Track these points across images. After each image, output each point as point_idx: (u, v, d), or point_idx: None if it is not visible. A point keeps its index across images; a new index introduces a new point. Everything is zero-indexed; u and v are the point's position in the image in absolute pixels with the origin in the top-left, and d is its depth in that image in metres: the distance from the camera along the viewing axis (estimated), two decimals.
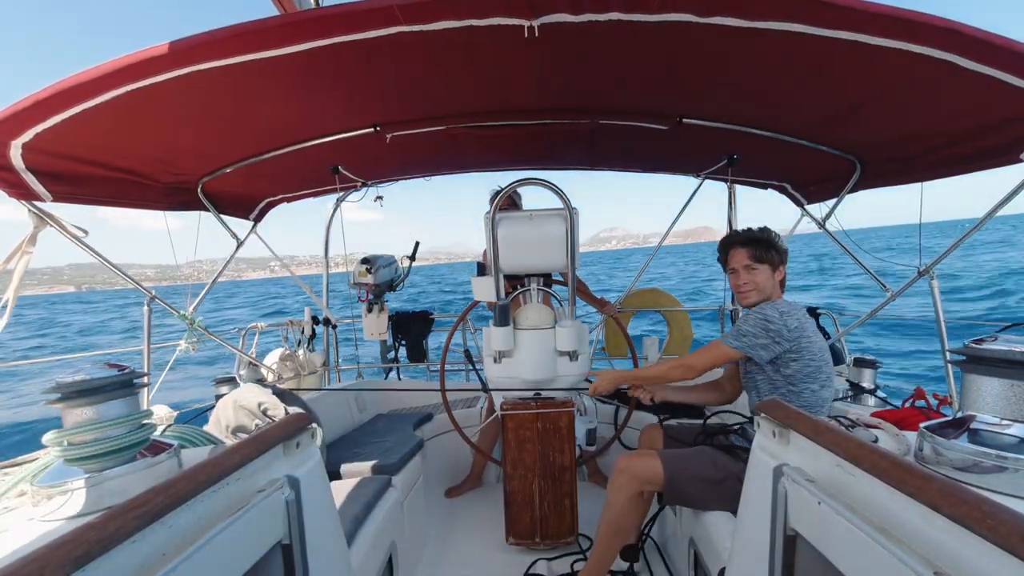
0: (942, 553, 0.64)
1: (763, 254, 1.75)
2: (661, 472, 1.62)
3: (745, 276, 1.76)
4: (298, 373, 3.08)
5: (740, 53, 1.38)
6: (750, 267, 1.75)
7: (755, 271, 1.75)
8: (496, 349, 2.20)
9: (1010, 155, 1.70)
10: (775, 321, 1.63)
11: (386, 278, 3.35)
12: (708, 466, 1.63)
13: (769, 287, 1.76)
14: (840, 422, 1.52)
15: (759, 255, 1.75)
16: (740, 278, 1.77)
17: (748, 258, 1.76)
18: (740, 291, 1.79)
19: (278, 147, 2.11)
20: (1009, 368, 1.02)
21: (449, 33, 1.22)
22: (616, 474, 1.69)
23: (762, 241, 1.77)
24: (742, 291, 1.78)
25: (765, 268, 1.75)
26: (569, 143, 2.48)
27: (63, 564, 0.53)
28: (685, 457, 1.68)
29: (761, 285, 1.75)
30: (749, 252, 1.76)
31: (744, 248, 1.77)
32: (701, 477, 1.61)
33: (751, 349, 1.65)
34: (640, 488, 1.66)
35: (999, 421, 1.04)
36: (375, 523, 1.67)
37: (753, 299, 1.76)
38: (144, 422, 1.09)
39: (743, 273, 1.77)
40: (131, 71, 1.22)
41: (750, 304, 1.77)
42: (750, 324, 1.67)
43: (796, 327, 1.63)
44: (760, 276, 1.75)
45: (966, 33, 1.16)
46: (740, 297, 1.80)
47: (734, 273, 1.80)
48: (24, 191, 1.63)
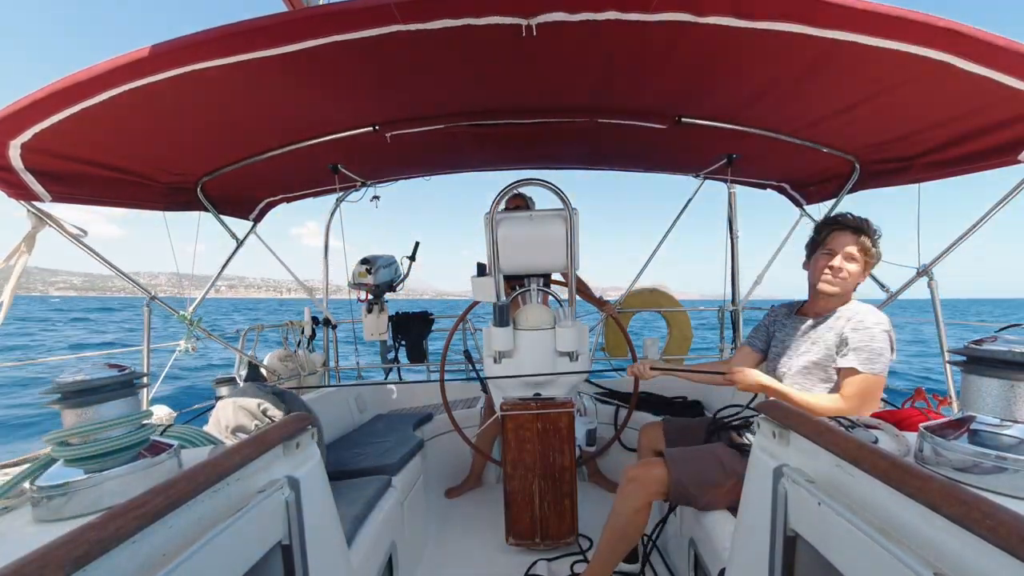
0: (942, 554, 0.64)
1: (871, 248, 1.57)
2: (667, 479, 1.59)
3: (844, 264, 1.57)
4: (298, 373, 3.08)
5: (738, 52, 1.39)
6: (852, 256, 1.57)
7: (855, 262, 1.57)
8: (496, 349, 2.20)
9: (1009, 155, 1.70)
10: (891, 330, 1.48)
11: (386, 278, 3.35)
12: (715, 468, 1.59)
13: (852, 287, 1.60)
14: (840, 423, 1.51)
15: (868, 248, 1.56)
16: (837, 262, 1.57)
17: (856, 247, 1.56)
18: (828, 279, 1.58)
19: (277, 147, 2.11)
20: (1009, 368, 1.02)
21: (447, 32, 1.22)
22: (626, 482, 1.65)
23: (873, 235, 1.58)
24: (830, 280, 1.58)
25: (862, 263, 1.58)
26: (568, 142, 2.48)
27: (63, 564, 0.53)
28: (691, 459, 1.64)
29: (851, 281, 1.58)
30: (860, 242, 1.56)
31: (856, 235, 1.57)
32: (708, 480, 1.58)
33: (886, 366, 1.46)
34: (648, 500, 1.62)
35: (999, 421, 1.04)
36: (375, 523, 1.67)
37: (836, 291, 1.58)
38: (144, 422, 1.09)
39: (843, 260, 1.57)
40: (130, 70, 1.22)
41: (831, 293, 1.58)
42: (879, 341, 1.46)
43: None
44: (856, 270, 1.57)
45: (965, 33, 1.16)
46: (823, 284, 1.59)
47: (828, 256, 1.60)
48: (23, 191, 1.63)
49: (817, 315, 1.66)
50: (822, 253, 1.62)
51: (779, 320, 1.83)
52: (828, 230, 1.63)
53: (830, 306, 1.63)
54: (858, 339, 1.48)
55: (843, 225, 1.60)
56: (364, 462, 2.11)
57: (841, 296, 1.61)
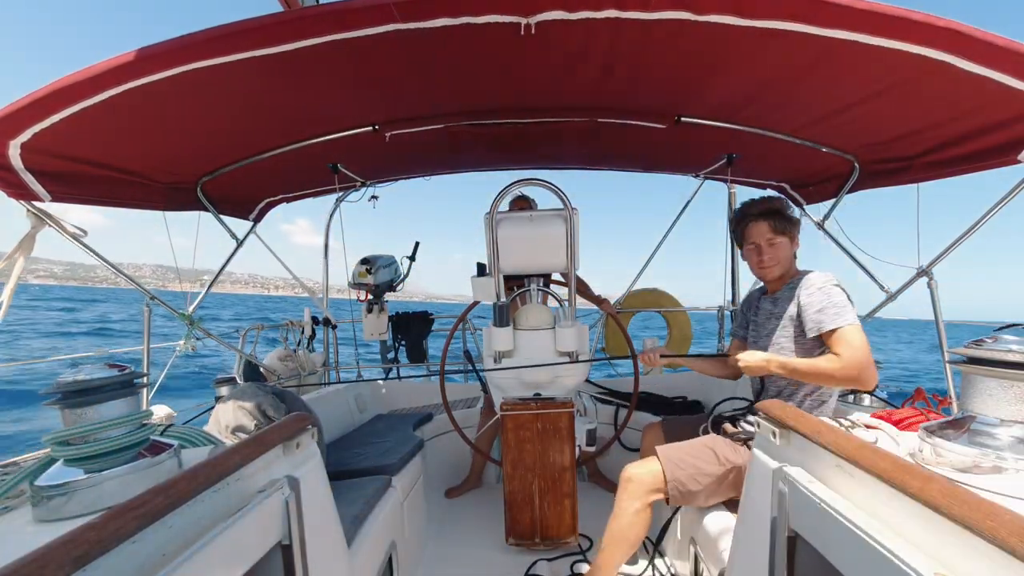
0: (942, 554, 0.64)
1: (784, 226, 1.65)
2: (663, 476, 1.58)
3: (768, 252, 1.66)
4: (298, 373, 3.08)
5: (738, 51, 1.39)
6: (772, 241, 1.65)
7: (776, 245, 1.65)
8: (496, 349, 2.20)
9: (1009, 155, 1.70)
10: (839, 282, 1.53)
11: (386, 278, 3.35)
12: (710, 459, 1.59)
13: (789, 258, 1.67)
14: (840, 423, 1.52)
15: (780, 227, 1.64)
16: (763, 253, 1.66)
17: (770, 231, 1.65)
18: (762, 267, 1.69)
19: (277, 146, 2.11)
20: (1009, 368, 1.02)
21: (446, 31, 1.22)
22: (624, 482, 1.65)
23: (780, 212, 1.66)
24: (765, 267, 1.68)
25: (785, 240, 1.66)
26: (568, 142, 2.48)
27: (63, 564, 0.53)
28: (685, 453, 1.64)
29: (783, 259, 1.66)
30: (770, 224, 1.65)
31: (765, 221, 1.66)
32: (704, 472, 1.58)
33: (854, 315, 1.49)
34: (648, 499, 1.61)
35: (999, 422, 1.04)
36: (375, 523, 1.67)
37: (776, 273, 1.67)
38: (144, 422, 1.09)
39: (766, 248, 1.66)
40: (129, 70, 1.22)
41: (773, 278, 1.69)
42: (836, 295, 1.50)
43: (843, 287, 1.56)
44: (782, 250, 1.66)
45: (965, 33, 1.16)
46: (762, 274, 1.71)
47: (754, 249, 1.70)
48: (23, 191, 1.63)
49: (775, 292, 1.74)
50: (748, 248, 1.73)
51: (752, 304, 1.88)
52: (741, 225, 1.73)
53: (782, 283, 1.71)
54: (816, 302, 1.52)
55: (749, 215, 1.70)
56: (364, 462, 2.11)
57: (785, 272, 1.68)
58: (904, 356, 24.60)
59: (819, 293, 1.53)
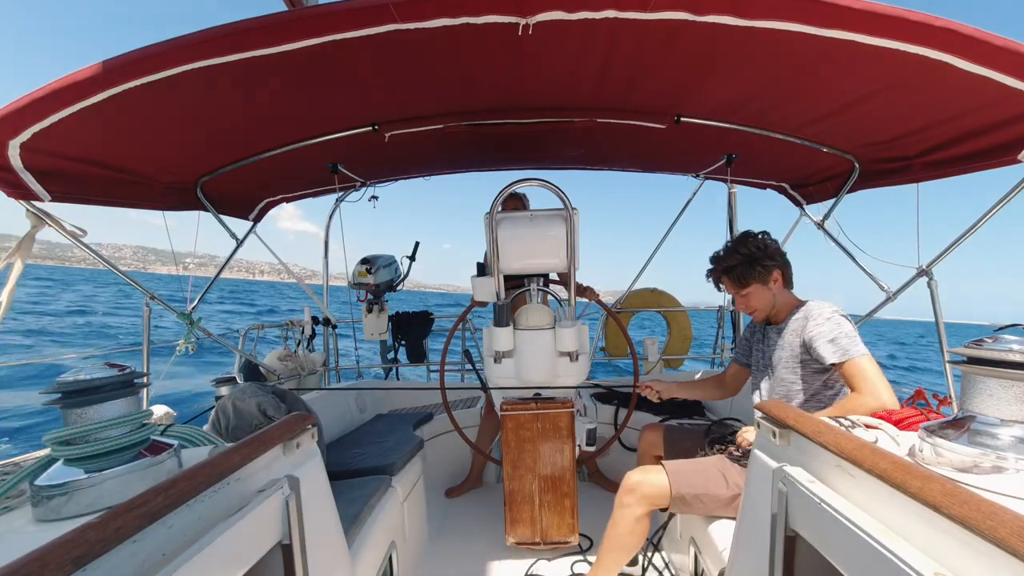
0: (942, 554, 0.64)
1: (743, 276, 1.65)
2: (669, 491, 1.58)
3: (742, 303, 1.70)
4: (298, 373, 3.08)
5: (737, 51, 1.39)
6: (740, 293, 1.68)
7: (748, 295, 1.67)
8: (496, 349, 2.20)
9: (1009, 155, 1.70)
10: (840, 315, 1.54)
11: (386, 278, 3.35)
12: (719, 482, 1.58)
13: (769, 300, 1.68)
14: (840, 423, 1.52)
15: (743, 279, 1.66)
16: (739, 305, 1.73)
17: (733, 286, 1.69)
18: (749, 313, 1.74)
19: (277, 147, 2.11)
20: (1009, 368, 1.02)
21: (445, 31, 1.22)
22: (624, 493, 1.63)
23: (736, 265, 1.66)
24: (750, 313, 1.73)
25: (754, 288, 1.66)
26: (567, 142, 2.48)
27: (63, 564, 0.53)
28: (695, 472, 1.62)
29: (763, 304, 1.67)
30: (731, 280, 1.68)
31: (725, 276, 1.70)
32: (711, 495, 1.56)
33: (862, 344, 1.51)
34: (648, 508, 1.61)
35: (999, 421, 1.04)
36: (375, 523, 1.67)
37: (763, 316, 1.71)
38: (144, 422, 1.09)
39: (739, 301, 1.71)
40: (128, 69, 1.22)
41: (762, 320, 1.73)
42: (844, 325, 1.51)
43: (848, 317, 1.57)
44: (755, 298, 1.67)
45: (964, 33, 1.16)
46: (753, 316, 1.75)
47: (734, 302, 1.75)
48: (22, 191, 1.63)
49: (780, 322, 1.72)
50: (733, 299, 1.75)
51: (757, 332, 1.86)
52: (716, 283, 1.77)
53: (781, 316, 1.69)
54: (827, 332, 1.52)
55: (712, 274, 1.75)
56: (364, 462, 2.11)
57: (778, 307, 1.68)
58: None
59: (828, 323, 1.53)
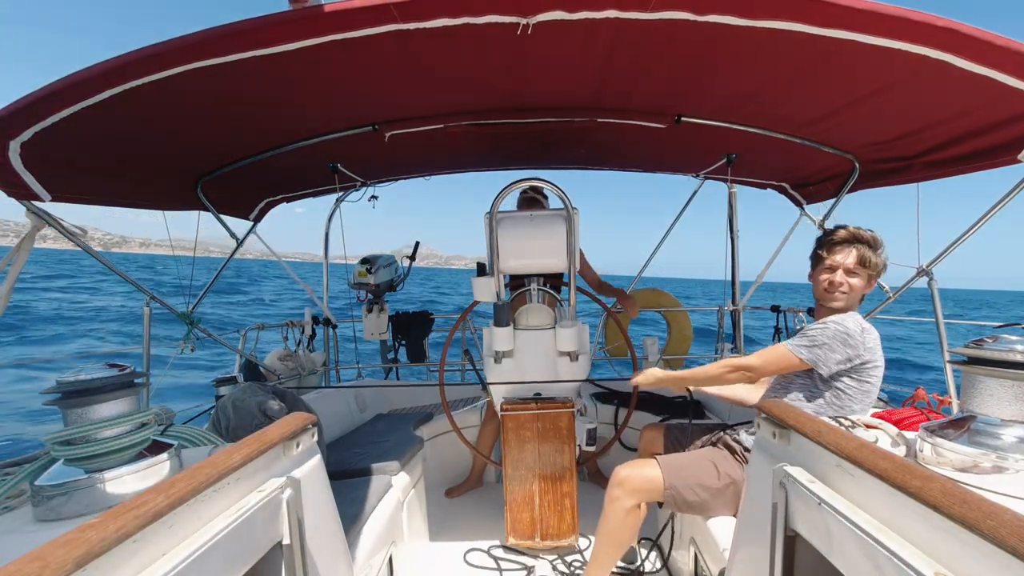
0: (942, 554, 0.64)
1: (873, 259, 1.58)
2: (661, 482, 1.57)
3: (843, 277, 1.59)
4: (298, 373, 3.08)
5: (738, 51, 1.39)
6: (852, 271, 1.58)
7: (856, 276, 1.58)
8: (496, 349, 2.20)
9: (1009, 155, 1.70)
10: (855, 336, 1.49)
11: (386, 278, 3.35)
12: (711, 472, 1.58)
13: (858, 298, 1.62)
14: (840, 423, 1.52)
15: (868, 260, 1.58)
16: (838, 277, 1.59)
17: (856, 260, 1.58)
18: (831, 291, 1.60)
19: (277, 146, 2.11)
20: (1009, 368, 1.02)
21: (446, 31, 1.22)
22: (613, 486, 1.62)
23: (875, 246, 1.59)
24: (833, 292, 1.59)
25: (865, 276, 1.59)
26: (567, 142, 2.48)
27: (63, 564, 0.53)
28: (686, 463, 1.62)
29: (854, 293, 1.60)
30: (860, 254, 1.58)
31: (856, 248, 1.58)
32: (703, 485, 1.56)
33: (822, 361, 1.50)
34: (638, 501, 1.60)
35: (999, 421, 1.04)
36: (375, 523, 1.67)
37: (840, 304, 1.59)
38: (144, 422, 1.09)
39: (843, 274, 1.59)
40: (129, 69, 1.22)
41: (835, 308, 1.60)
42: (828, 336, 1.50)
43: (872, 347, 1.51)
44: (858, 283, 1.59)
45: (965, 33, 1.16)
46: (827, 298, 1.62)
47: (831, 271, 1.61)
48: (23, 191, 1.63)
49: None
50: (824, 268, 1.63)
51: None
52: (829, 244, 1.63)
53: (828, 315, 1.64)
54: (810, 331, 1.56)
55: (843, 239, 1.61)
56: (364, 462, 2.11)
57: (844, 308, 1.61)
58: None
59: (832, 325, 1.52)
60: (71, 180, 1.75)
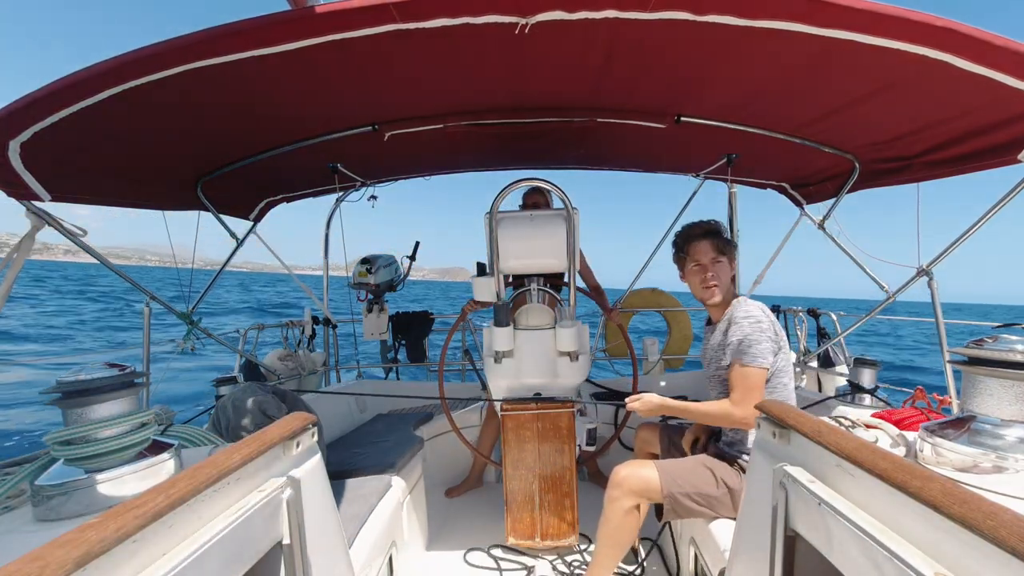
0: (942, 553, 0.64)
1: (725, 247, 1.69)
2: (659, 486, 1.57)
3: (712, 270, 1.69)
4: (298, 373, 3.08)
5: (738, 51, 1.39)
6: (716, 260, 1.69)
7: (720, 264, 1.69)
8: (496, 349, 2.20)
9: (1008, 155, 1.70)
10: (764, 320, 1.57)
11: (386, 278, 3.35)
12: (708, 480, 1.58)
13: (729, 285, 1.72)
14: (840, 423, 1.52)
15: (722, 247, 1.69)
16: (707, 272, 1.69)
17: (713, 250, 1.69)
18: (706, 287, 1.70)
19: (277, 146, 2.11)
20: (1009, 368, 1.02)
21: (445, 31, 1.22)
22: (612, 487, 1.63)
23: (721, 234, 1.71)
24: (708, 286, 1.69)
25: (726, 262, 1.70)
26: (567, 142, 2.48)
27: (63, 564, 0.53)
28: (684, 470, 1.62)
29: (724, 281, 1.70)
30: (713, 244, 1.69)
31: (708, 240, 1.70)
32: (701, 493, 1.56)
33: (768, 358, 1.54)
34: (637, 501, 1.60)
35: (999, 421, 1.04)
36: (375, 523, 1.67)
37: (718, 297, 1.69)
38: (144, 422, 1.09)
39: (710, 267, 1.69)
40: (129, 69, 1.22)
41: (715, 303, 1.70)
42: (753, 336, 1.55)
43: (773, 320, 1.60)
44: (724, 271, 1.69)
45: (964, 33, 1.16)
46: (705, 294, 1.71)
47: (699, 268, 1.71)
48: (22, 190, 1.63)
49: (716, 322, 1.75)
50: (692, 267, 1.74)
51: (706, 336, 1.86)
52: (683, 245, 1.76)
53: (722, 312, 1.71)
54: (733, 335, 1.60)
55: (693, 236, 1.73)
56: (364, 462, 2.11)
57: (725, 298, 1.71)
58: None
59: (735, 328, 1.59)
60: (71, 180, 1.75)
